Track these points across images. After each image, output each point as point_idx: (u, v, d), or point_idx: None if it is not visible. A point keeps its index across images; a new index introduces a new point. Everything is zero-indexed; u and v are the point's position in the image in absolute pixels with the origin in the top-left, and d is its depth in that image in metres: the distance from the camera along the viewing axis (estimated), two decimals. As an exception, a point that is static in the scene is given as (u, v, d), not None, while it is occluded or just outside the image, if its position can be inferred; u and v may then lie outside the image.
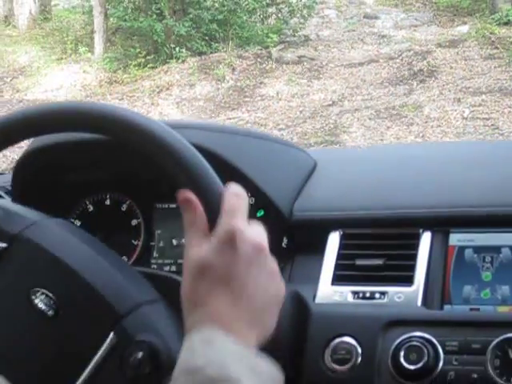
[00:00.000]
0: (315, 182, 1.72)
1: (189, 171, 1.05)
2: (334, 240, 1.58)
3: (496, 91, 10.23)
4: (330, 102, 10.79)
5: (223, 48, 12.83)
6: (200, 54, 12.74)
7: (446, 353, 1.36)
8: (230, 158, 1.59)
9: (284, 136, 9.31)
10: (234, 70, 12.19)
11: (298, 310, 1.48)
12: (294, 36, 14.00)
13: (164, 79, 12.14)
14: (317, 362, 1.42)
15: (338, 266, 1.54)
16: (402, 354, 1.37)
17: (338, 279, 1.52)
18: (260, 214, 1.65)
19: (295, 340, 1.45)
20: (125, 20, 13.03)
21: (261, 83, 11.84)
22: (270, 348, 1.02)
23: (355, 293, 1.50)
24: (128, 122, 1.09)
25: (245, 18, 13.61)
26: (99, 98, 11.89)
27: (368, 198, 1.65)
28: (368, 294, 1.49)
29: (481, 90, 10.37)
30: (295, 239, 1.64)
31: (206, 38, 13.08)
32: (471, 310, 1.45)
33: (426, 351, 1.36)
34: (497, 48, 12.07)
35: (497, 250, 1.48)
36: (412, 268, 1.49)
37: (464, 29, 13.60)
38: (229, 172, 1.36)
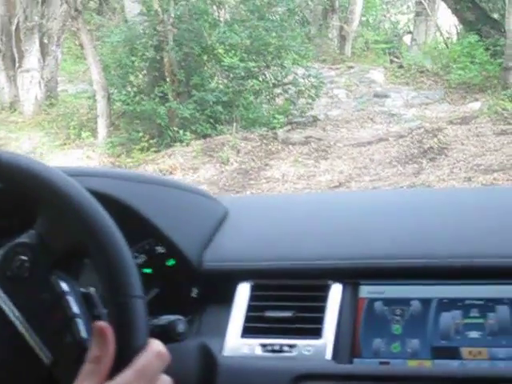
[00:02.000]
0: (226, 231, 1.72)
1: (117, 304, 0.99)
2: (243, 291, 1.57)
3: (508, 168, 9.85)
4: (337, 184, 10.45)
5: (228, 130, 12.59)
6: (204, 136, 12.50)
7: None
8: (138, 207, 1.55)
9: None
10: (238, 152, 11.93)
11: (206, 363, 1.48)
12: (302, 117, 13.76)
13: (167, 163, 11.87)
14: None
15: (247, 318, 1.54)
16: None
17: (246, 331, 1.52)
18: (170, 263, 1.62)
19: None
20: (127, 104, 12.82)
21: (266, 165, 11.56)
22: None
23: (264, 345, 1.50)
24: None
25: (250, 99, 13.34)
26: (101, 183, 11.61)
27: (278, 249, 1.65)
28: (277, 347, 1.49)
29: (492, 167, 10.00)
30: (205, 289, 1.62)
31: (211, 120, 12.81)
32: (381, 363, 1.45)
33: None
34: (509, 124, 11.75)
35: (406, 302, 1.48)
36: (321, 320, 1.49)
37: (476, 105, 13.37)
38: (137, 221, 1.45)
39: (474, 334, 1.46)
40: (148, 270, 1.60)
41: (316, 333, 1.49)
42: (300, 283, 1.56)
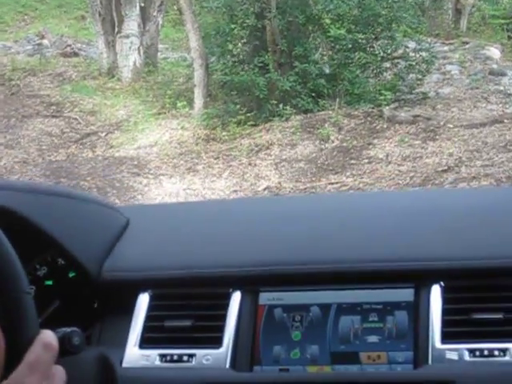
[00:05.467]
0: (127, 241, 1.71)
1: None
2: (143, 301, 1.58)
3: None
4: (445, 168, 9.66)
5: (330, 105, 11.91)
6: (305, 111, 11.88)
7: None
8: (36, 220, 1.53)
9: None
10: (340, 129, 11.25)
11: (105, 375, 1.48)
12: (411, 93, 13.07)
13: (264, 138, 11.30)
14: None
15: (146, 328, 1.54)
16: None
17: (145, 342, 1.53)
18: (71, 274, 1.62)
19: None
20: (226, 74, 12.24)
21: (369, 144, 10.84)
22: None
23: (163, 356, 1.50)
24: None
25: (356, 72, 12.64)
26: (194, 156, 11.12)
27: (179, 258, 1.66)
28: (176, 357, 1.50)
29: None
30: (105, 300, 1.63)
31: (313, 94, 12.17)
32: (281, 370, 1.47)
33: None
34: None
35: (306, 308, 1.51)
36: (221, 329, 1.50)
37: None
38: (36, 233, 1.50)
39: (372, 339, 1.47)
40: (49, 282, 1.62)
41: (216, 341, 1.50)
42: (200, 292, 1.57)
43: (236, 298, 1.53)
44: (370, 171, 10.02)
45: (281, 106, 11.74)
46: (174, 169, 10.86)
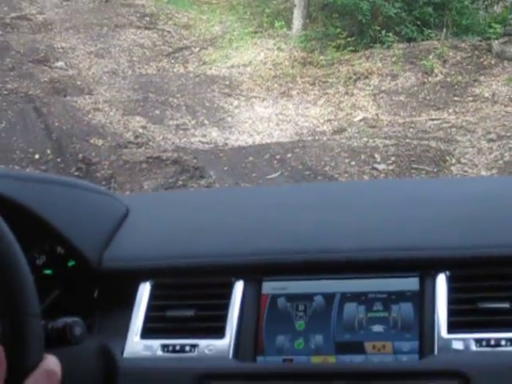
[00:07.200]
0: (127, 230, 1.70)
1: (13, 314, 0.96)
2: (144, 291, 1.56)
3: None
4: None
5: (436, 36, 11.31)
6: (408, 40, 11.33)
7: None
8: (34, 208, 1.50)
9: (494, 150, 7.67)
10: (445, 62, 10.65)
11: (106, 365, 1.49)
12: (522, 28, 12.22)
13: (363, 66, 10.79)
14: None
15: (147, 318, 1.53)
16: None
17: (147, 332, 1.51)
18: (71, 263, 1.60)
19: None
20: (328, -5, 11.70)
21: (475, 81, 10.25)
22: None
23: (165, 346, 1.49)
24: None
25: (466, 2, 11.96)
26: (288, 79, 10.69)
27: (179, 247, 1.65)
28: (178, 348, 1.48)
29: None
30: (106, 290, 1.61)
31: (418, 22, 11.61)
32: (284, 360, 1.46)
33: None
34: None
35: (309, 297, 1.49)
36: (224, 318, 1.49)
37: None
38: (34, 222, 1.48)
39: (377, 328, 1.45)
40: (48, 271, 1.60)
41: (219, 331, 1.48)
42: (202, 281, 1.55)
43: (239, 287, 1.52)
44: (475, 110, 9.48)
45: (383, 32, 11.21)
46: (267, 92, 10.47)
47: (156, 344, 1.49)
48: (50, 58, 10.98)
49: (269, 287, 1.51)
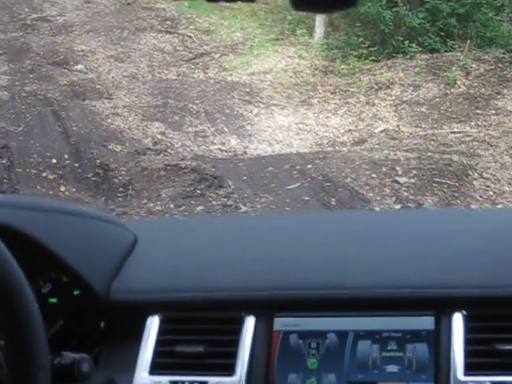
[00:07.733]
0: (135, 260, 1.67)
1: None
2: (152, 324, 1.53)
3: None
4: None
5: (459, 47, 11.20)
6: (431, 51, 11.22)
7: None
8: (39, 238, 1.49)
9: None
10: (468, 74, 10.53)
11: None
12: (547, 41, 12.09)
13: (385, 75, 10.68)
14: None
15: (156, 353, 1.50)
16: None
17: (155, 367, 1.49)
18: (76, 292, 1.59)
19: None
20: (351, 4, 11.58)
21: (498, 93, 10.12)
22: None
23: (174, 383, 1.47)
24: None
25: (490, 14, 11.88)
26: (309, 88, 10.60)
27: (189, 279, 1.62)
28: None
29: None
30: (113, 322, 1.58)
31: (442, 33, 11.49)
32: None
33: None
34: None
35: (322, 335, 1.46)
36: (234, 355, 1.46)
37: None
38: (39, 251, 1.47)
39: (392, 368, 1.42)
40: (54, 300, 1.58)
41: (229, 368, 1.45)
42: (212, 316, 1.52)
43: (250, 322, 1.49)
44: (497, 123, 9.35)
45: (406, 42, 11.11)
46: (288, 100, 10.38)
47: (165, 380, 1.47)
48: (69, 61, 10.92)
49: (280, 323, 1.49)
